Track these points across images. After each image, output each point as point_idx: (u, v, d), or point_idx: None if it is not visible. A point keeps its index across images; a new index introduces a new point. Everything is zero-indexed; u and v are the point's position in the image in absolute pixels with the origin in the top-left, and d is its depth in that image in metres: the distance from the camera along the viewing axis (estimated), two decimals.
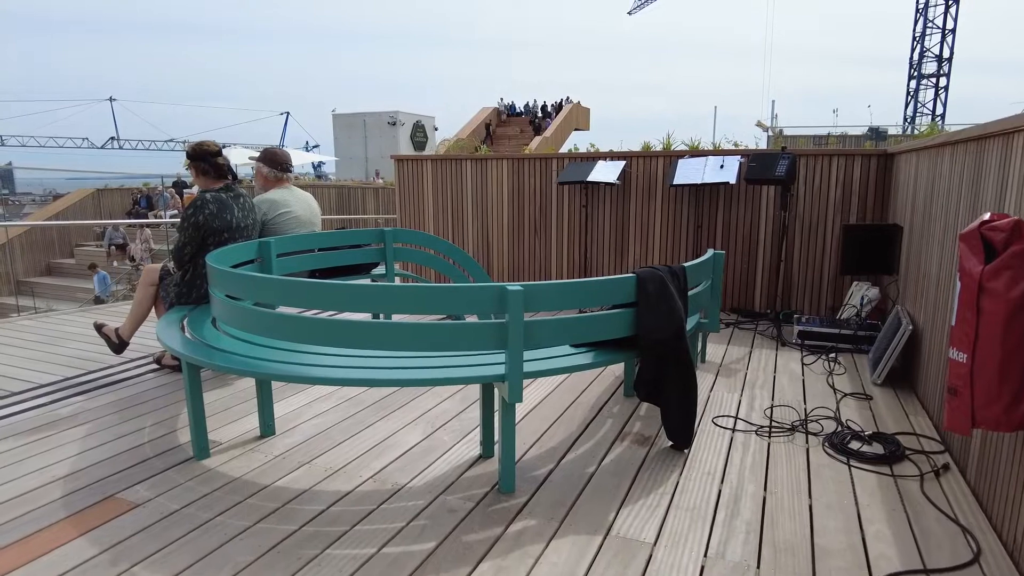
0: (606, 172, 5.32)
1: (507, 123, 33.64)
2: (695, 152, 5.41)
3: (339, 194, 15.66)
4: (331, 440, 2.82)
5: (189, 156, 3.45)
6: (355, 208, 14.35)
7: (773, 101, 57.56)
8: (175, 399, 3.32)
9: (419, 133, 32.90)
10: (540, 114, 33.49)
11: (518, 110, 34.36)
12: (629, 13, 55.99)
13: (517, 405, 3.22)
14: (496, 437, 2.69)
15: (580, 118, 34.47)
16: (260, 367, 2.39)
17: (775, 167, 4.54)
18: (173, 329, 2.89)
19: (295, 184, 4.15)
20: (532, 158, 5.98)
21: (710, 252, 3.10)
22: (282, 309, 3.20)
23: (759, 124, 31.88)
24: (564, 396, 3.36)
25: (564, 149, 32.83)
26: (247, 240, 3.52)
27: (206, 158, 3.43)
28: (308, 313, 4.11)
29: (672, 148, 7.96)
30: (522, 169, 5.93)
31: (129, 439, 2.84)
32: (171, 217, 17.60)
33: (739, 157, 5.13)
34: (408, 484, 2.42)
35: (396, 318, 4.10)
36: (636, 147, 6.86)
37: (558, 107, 33.36)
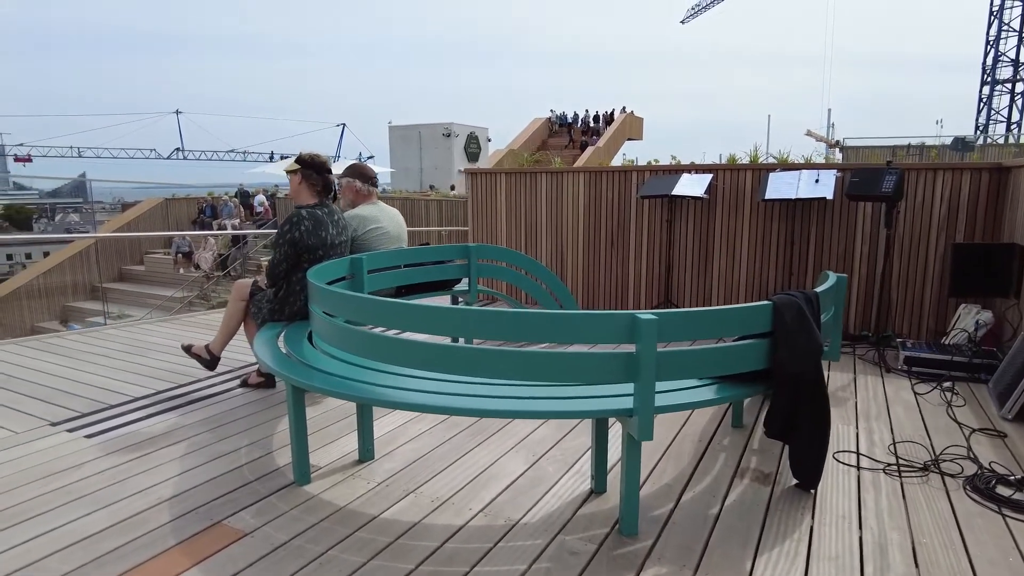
0: (692, 185, 5.12)
1: (559, 134, 33.58)
2: (787, 165, 5.16)
3: (403, 205, 15.74)
4: (432, 467, 2.71)
5: (301, 163, 3.39)
6: (418, 220, 14.45)
7: (829, 110, 55.89)
8: (267, 418, 3.27)
9: (473, 144, 33.08)
10: (592, 124, 33.33)
11: (570, 120, 34.29)
12: (682, 22, 55.42)
13: (622, 439, 3.05)
14: (608, 470, 2.54)
15: (633, 128, 34.17)
16: (370, 393, 2.30)
17: (881, 183, 4.27)
18: (272, 349, 2.83)
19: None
20: (610, 171, 5.82)
21: (832, 276, 2.88)
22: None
23: (809, 133, 30.65)
24: (667, 427, 3.18)
25: (616, 159, 32.62)
26: (340, 257, 3.46)
27: (320, 170, 3.38)
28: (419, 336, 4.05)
29: (760, 161, 7.68)
30: (599, 182, 5.78)
31: (227, 460, 2.78)
32: (233, 228, 18.08)
33: (835, 171, 4.87)
34: (521, 520, 2.29)
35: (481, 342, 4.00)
36: (692, 157, 6.63)
37: (609, 117, 33.12)
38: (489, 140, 35.45)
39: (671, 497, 2.47)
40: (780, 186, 4.86)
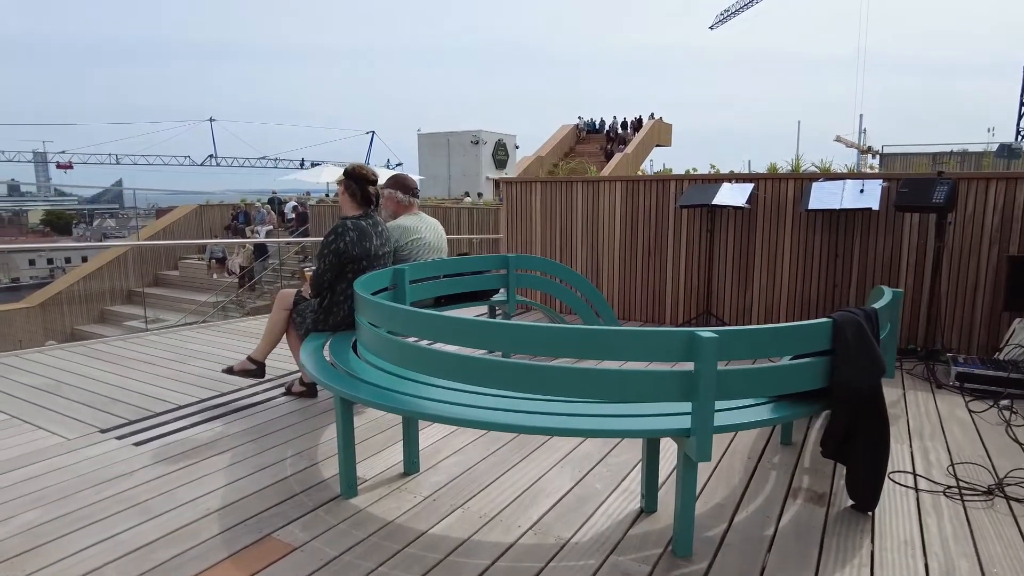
0: (733, 195, 5.04)
1: (587, 140, 33.52)
2: (830, 175, 5.06)
3: (433, 213, 15.77)
4: (477, 481, 2.68)
5: (347, 175, 3.43)
6: (449, 228, 14.50)
7: (860, 115, 54.94)
8: (310, 428, 3.28)
9: (500, 151, 33.18)
10: (620, 131, 33.21)
11: (597, 127, 34.21)
12: (711, 28, 54.95)
13: (678, 458, 3.00)
14: (659, 488, 2.49)
15: (662, 134, 33.99)
16: (418, 407, 2.28)
17: (932, 193, 4.16)
18: (319, 359, 2.84)
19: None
20: (648, 180, 5.77)
21: (888, 291, 2.80)
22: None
23: (839, 139, 30.00)
24: (715, 445, 3.11)
25: (645, 165, 32.42)
26: (383, 267, 3.47)
27: (361, 183, 3.40)
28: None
29: (801, 170, 7.56)
30: (637, 191, 5.73)
31: (273, 471, 2.79)
32: (267, 234, 18.33)
33: (880, 181, 4.76)
34: (572, 539, 2.25)
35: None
36: (721, 164, 6.53)
37: (637, 123, 32.98)
38: (517, 147, 35.53)
39: (723, 518, 2.41)
40: (823, 196, 4.76)
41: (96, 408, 3.56)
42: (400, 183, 4.02)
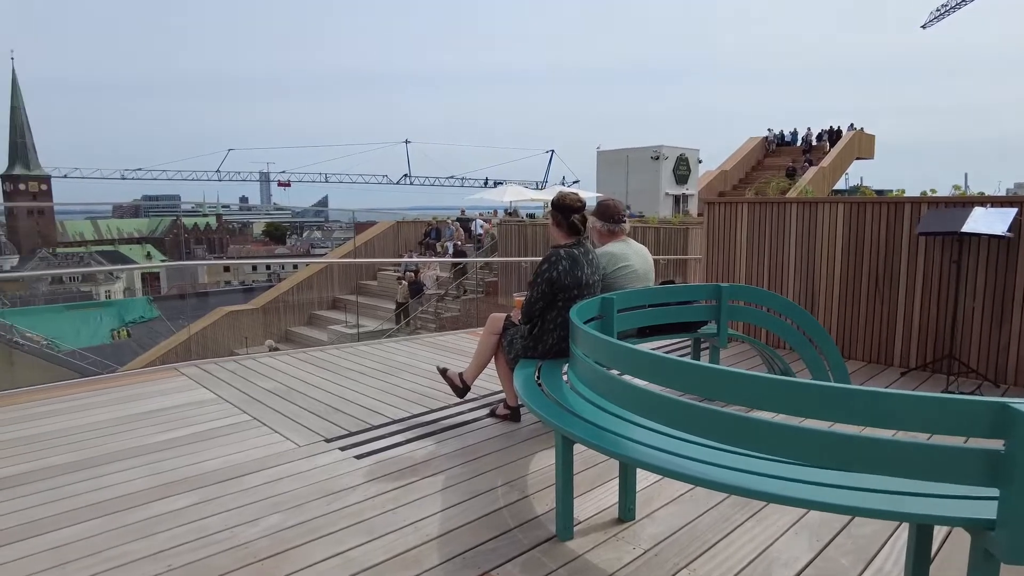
0: (990, 221, 4.31)
1: (776, 153, 31.53)
2: None
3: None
4: (701, 540, 2.46)
5: (553, 205, 3.42)
6: None
7: None
8: (518, 455, 3.25)
9: (682, 166, 32.22)
10: (814, 142, 30.82)
11: (788, 139, 32.05)
12: (923, 27, 49.23)
13: (973, 552, 2.56)
14: None
15: (863, 146, 31.05)
16: (649, 458, 2.12)
17: None
18: (535, 392, 2.79)
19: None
20: (875, 202, 5.15)
21: None
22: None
23: None
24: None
25: (841, 183, 29.65)
26: (593, 296, 3.37)
27: (566, 212, 3.36)
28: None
29: None
30: (863, 214, 5.13)
31: (485, 500, 2.78)
32: (455, 248, 19.30)
33: None
34: None
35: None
36: (943, 179, 5.59)
37: (835, 133, 30.36)
38: (700, 162, 34.32)
39: None
40: None
41: (320, 416, 3.83)
42: (601, 210, 3.91)
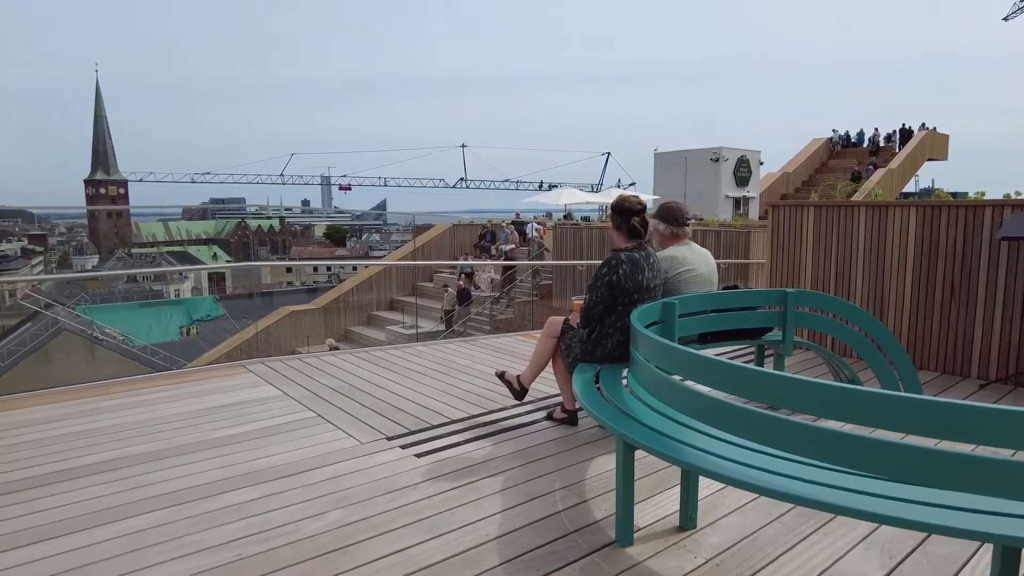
0: None
1: (841, 155, 30.48)
2: None
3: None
4: (765, 552, 2.39)
5: (613, 209, 3.41)
6: None
7: None
8: (576, 459, 3.24)
9: (743, 168, 31.47)
10: (882, 143, 29.64)
11: (853, 140, 30.93)
12: (1004, 19, 46.62)
13: None
14: None
15: (935, 146, 29.67)
16: (714, 467, 2.09)
17: None
18: (594, 395, 2.78)
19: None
20: (951, 205, 4.91)
21: None
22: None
23: None
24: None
25: (911, 185, 28.37)
26: (653, 300, 3.33)
27: (626, 215, 3.33)
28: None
29: None
30: (937, 218, 4.90)
31: (543, 503, 2.78)
32: (509, 251, 19.38)
33: None
34: None
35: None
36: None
37: (905, 133, 29.09)
38: (761, 163, 33.46)
39: None
40: None
41: (382, 415, 3.91)
42: (664, 213, 3.86)
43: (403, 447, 3.40)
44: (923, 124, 29.44)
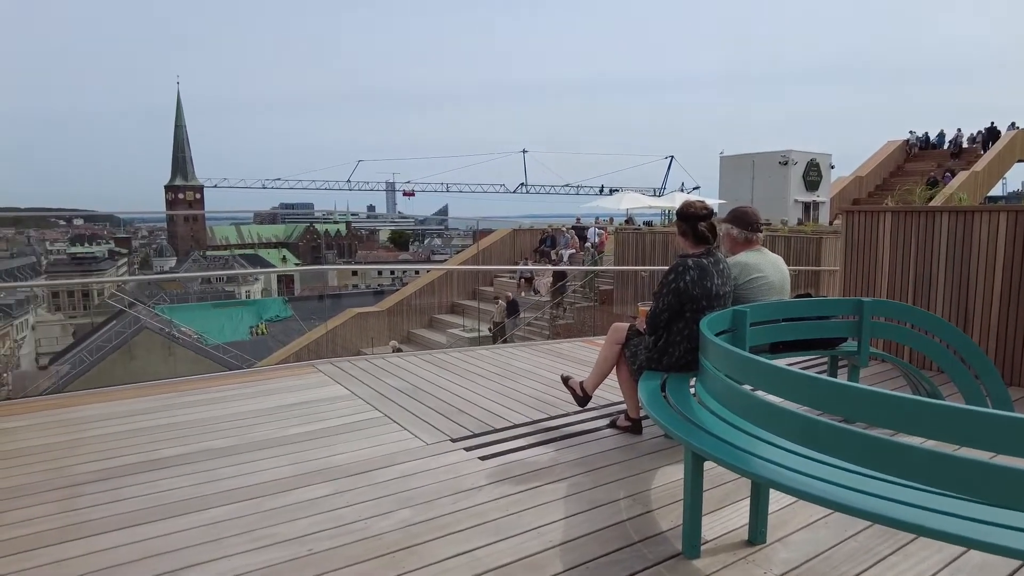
0: None
1: (918, 157, 29.09)
2: None
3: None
4: (839, 571, 2.30)
5: (678, 215, 3.36)
6: None
7: None
8: (640, 468, 3.20)
9: (812, 172, 30.41)
10: (965, 145, 28.10)
11: (933, 141, 29.46)
12: None
13: None
14: None
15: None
16: (790, 481, 2.03)
17: None
18: (661, 404, 2.74)
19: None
20: None
21: None
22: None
23: None
24: None
25: (997, 188, 26.76)
26: (723, 307, 3.26)
27: (689, 220, 3.28)
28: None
29: None
30: None
31: (607, 511, 2.75)
32: (569, 256, 19.31)
33: None
34: None
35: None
36: None
37: (992, 133, 27.47)
38: (832, 167, 32.29)
39: None
40: None
41: (446, 416, 3.96)
42: (737, 217, 3.77)
43: (467, 449, 3.43)
44: (1012, 123, 27.77)
